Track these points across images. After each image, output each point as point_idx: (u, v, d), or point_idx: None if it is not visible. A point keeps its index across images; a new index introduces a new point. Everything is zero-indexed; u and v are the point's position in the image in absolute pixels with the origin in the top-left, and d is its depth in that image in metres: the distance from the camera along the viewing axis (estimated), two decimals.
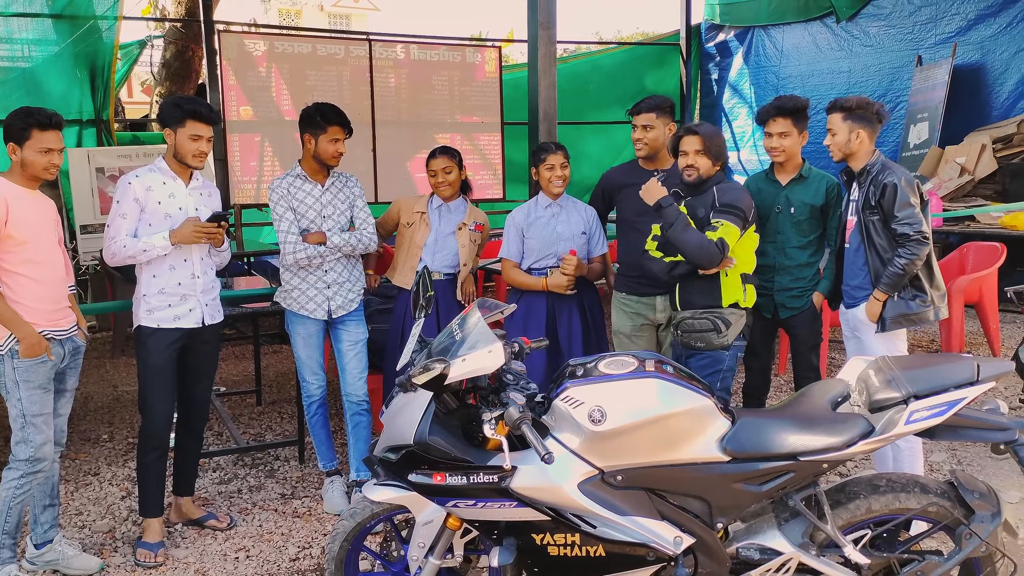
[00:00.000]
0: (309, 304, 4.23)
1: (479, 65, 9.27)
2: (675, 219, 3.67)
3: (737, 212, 3.70)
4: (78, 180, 8.57)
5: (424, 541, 2.93)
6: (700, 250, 3.63)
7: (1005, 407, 2.83)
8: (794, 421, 2.79)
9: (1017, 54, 9.38)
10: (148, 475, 3.95)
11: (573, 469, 2.72)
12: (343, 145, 4.23)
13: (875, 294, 3.81)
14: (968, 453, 4.94)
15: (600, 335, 4.54)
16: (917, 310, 3.81)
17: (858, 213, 3.87)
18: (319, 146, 4.18)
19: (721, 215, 3.68)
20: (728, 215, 3.68)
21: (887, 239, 3.78)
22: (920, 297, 3.81)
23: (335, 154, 4.20)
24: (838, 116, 3.89)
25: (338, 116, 4.20)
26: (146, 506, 3.98)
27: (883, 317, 3.81)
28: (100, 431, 5.65)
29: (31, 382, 3.49)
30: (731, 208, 3.70)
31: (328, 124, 4.16)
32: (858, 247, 3.91)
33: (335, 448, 4.51)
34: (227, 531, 4.14)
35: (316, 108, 4.22)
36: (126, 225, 3.76)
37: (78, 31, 9.07)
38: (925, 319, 3.82)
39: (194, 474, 4.27)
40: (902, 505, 2.79)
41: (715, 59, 12.55)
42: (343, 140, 4.22)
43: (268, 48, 8.29)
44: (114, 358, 7.62)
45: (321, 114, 4.18)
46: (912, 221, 3.69)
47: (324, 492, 4.43)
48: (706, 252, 3.62)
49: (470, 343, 2.74)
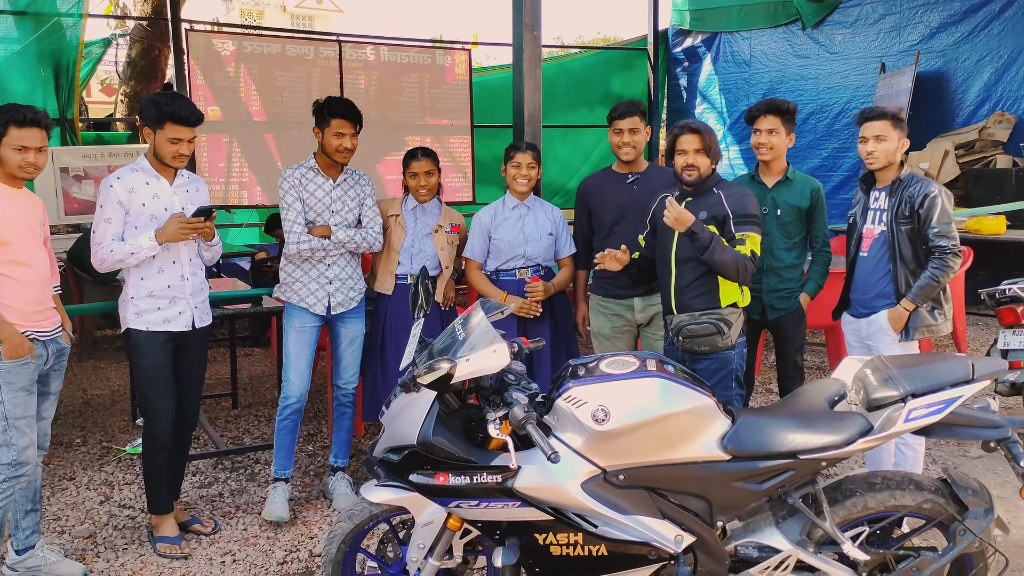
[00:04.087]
0: (309, 298, 4.19)
1: (449, 67, 9.26)
2: (710, 242, 3.57)
3: (755, 219, 3.70)
4: (41, 180, 8.33)
5: (424, 542, 2.91)
6: (738, 267, 3.59)
7: (996, 405, 2.89)
8: (793, 420, 2.83)
9: (979, 62, 9.60)
10: (158, 476, 3.92)
11: (576, 468, 2.72)
12: (350, 140, 4.17)
13: (904, 304, 3.84)
14: (943, 452, 5.03)
15: (570, 339, 4.57)
16: (938, 321, 3.89)
17: (890, 223, 3.89)
18: (324, 139, 4.15)
19: (744, 227, 3.65)
20: (749, 225, 3.67)
21: (912, 250, 3.84)
22: (939, 309, 3.90)
23: (340, 148, 4.15)
24: (888, 123, 3.87)
25: (342, 109, 4.16)
26: (157, 504, 3.96)
27: (908, 327, 3.86)
28: (73, 435, 5.54)
29: (14, 384, 3.41)
30: (750, 217, 3.68)
31: (332, 117, 4.12)
32: (881, 257, 3.93)
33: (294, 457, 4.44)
34: (211, 535, 4.08)
35: (325, 101, 4.19)
36: (111, 230, 3.70)
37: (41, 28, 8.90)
38: (942, 331, 3.90)
39: (180, 478, 4.21)
40: (897, 502, 2.84)
41: (683, 64, 12.65)
42: (350, 135, 4.17)
43: (237, 48, 8.19)
44: (81, 361, 7.48)
45: (327, 107, 4.15)
46: (950, 234, 3.77)
47: (268, 496, 4.29)
48: (744, 269, 3.61)
49: (473, 343, 2.73)
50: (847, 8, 10.68)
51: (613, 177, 4.43)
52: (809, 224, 4.29)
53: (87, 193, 8.69)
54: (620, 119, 4.32)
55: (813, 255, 4.36)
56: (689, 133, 3.72)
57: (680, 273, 3.74)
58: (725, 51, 12.08)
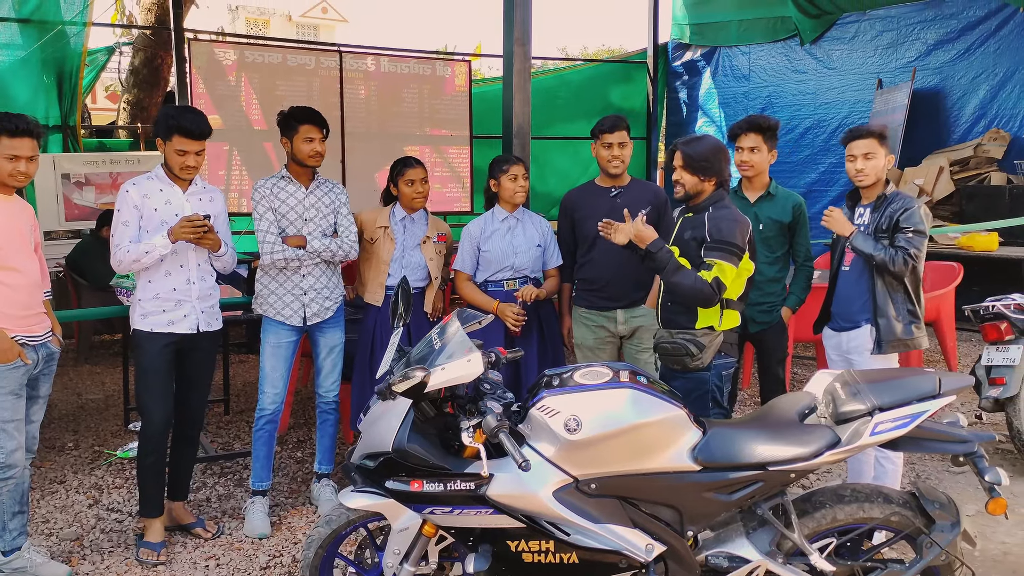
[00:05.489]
0: (285, 310, 4.24)
1: (449, 78, 9.35)
2: (667, 262, 3.53)
3: (729, 248, 3.51)
4: (43, 186, 8.50)
5: (399, 548, 2.96)
6: (694, 291, 3.48)
7: (965, 420, 2.93)
8: (763, 432, 2.87)
9: (975, 79, 9.66)
10: (147, 476, 3.97)
11: (548, 477, 2.77)
12: (320, 144, 4.24)
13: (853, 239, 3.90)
14: (927, 468, 5.07)
15: (557, 351, 4.62)
16: (914, 335, 3.94)
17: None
18: (295, 147, 4.21)
19: (713, 253, 3.50)
20: (720, 252, 3.50)
21: None
22: (915, 323, 3.94)
23: (311, 153, 4.21)
24: (874, 141, 3.93)
25: (308, 115, 4.23)
26: (146, 506, 4.01)
27: (880, 340, 3.92)
28: (65, 439, 5.60)
29: (3, 388, 3.47)
30: (723, 244, 3.51)
31: (299, 123, 4.20)
32: (861, 271, 3.96)
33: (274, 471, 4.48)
34: (198, 540, 4.13)
35: (289, 111, 4.28)
36: (128, 232, 3.82)
37: (46, 36, 9.00)
38: (919, 344, 3.95)
39: (188, 479, 4.27)
40: (866, 515, 2.88)
41: (682, 77, 12.73)
42: (319, 139, 4.24)
43: (238, 57, 8.28)
44: (78, 366, 7.55)
45: (292, 115, 4.24)
46: (916, 244, 3.79)
47: (246, 513, 4.30)
48: (701, 294, 3.48)
49: (449, 352, 2.79)
50: (845, 24, 10.75)
51: (596, 191, 4.50)
52: (791, 239, 4.34)
53: (88, 199, 8.78)
54: (609, 133, 4.38)
55: (796, 269, 4.41)
56: (676, 150, 3.73)
57: (665, 288, 3.76)
58: (724, 65, 12.15)
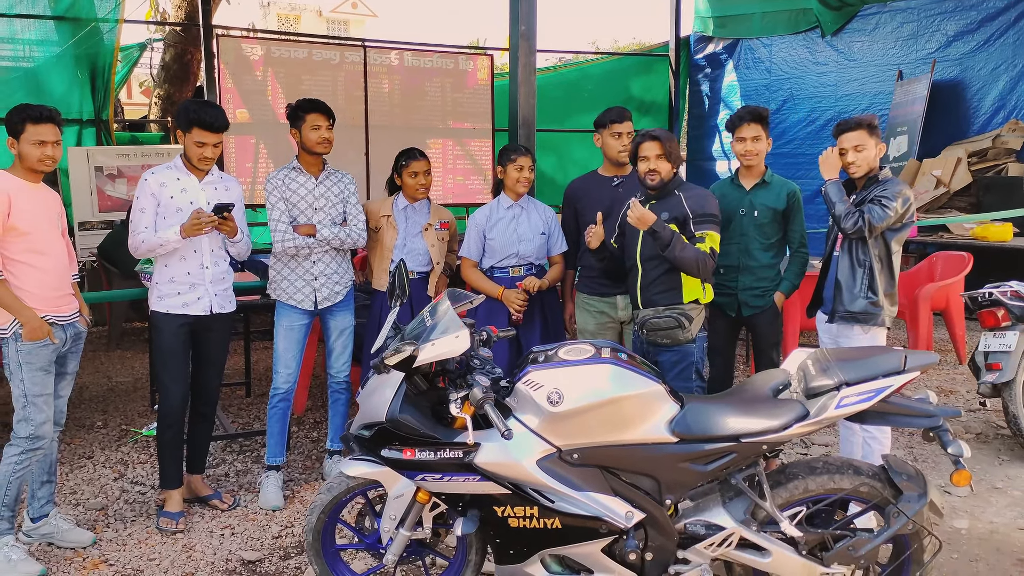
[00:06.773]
0: (297, 295, 4.45)
1: (471, 72, 9.51)
2: (671, 240, 3.82)
3: (713, 218, 3.94)
4: (77, 178, 8.81)
5: (395, 514, 3.16)
6: (698, 263, 3.83)
7: (934, 397, 3.06)
8: (737, 406, 3.03)
9: (994, 71, 9.67)
10: (165, 450, 4.22)
11: (533, 447, 2.94)
12: (327, 131, 4.43)
13: (829, 184, 4.05)
14: (924, 451, 5.18)
15: (559, 334, 4.77)
16: (869, 311, 4.03)
17: None
18: (303, 136, 4.41)
19: (702, 226, 3.90)
20: (708, 223, 3.91)
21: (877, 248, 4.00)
22: (873, 300, 4.03)
23: (319, 140, 4.41)
24: (864, 132, 4.04)
25: (314, 105, 4.43)
26: (166, 478, 4.25)
27: (833, 310, 4.06)
28: (95, 418, 5.86)
29: (33, 364, 3.71)
30: (708, 216, 3.92)
31: (305, 113, 4.40)
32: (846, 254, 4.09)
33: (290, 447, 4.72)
34: (215, 511, 4.35)
35: (295, 103, 4.48)
36: (145, 219, 4.05)
37: (80, 33, 9.30)
38: (873, 320, 4.03)
39: (204, 453, 4.50)
40: (836, 485, 3.02)
41: (704, 70, 12.80)
42: (325, 127, 4.43)
43: (265, 53, 8.51)
44: (109, 351, 7.85)
45: (299, 107, 4.44)
46: (875, 213, 3.88)
47: (261, 486, 4.54)
48: (704, 264, 3.84)
49: (440, 329, 2.97)
50: (866, 16, 10.79)
51: (599, 180, 4.66)
52: (786, 225, 4.46)
53: (120, 191, 9.07)
54: (618, 123, 4.53)
55: (790, 256, 4.53)
56: (650, 140, 3.94)
57: (645, 271, 3.97)
58: (746, 58, 12.22)
